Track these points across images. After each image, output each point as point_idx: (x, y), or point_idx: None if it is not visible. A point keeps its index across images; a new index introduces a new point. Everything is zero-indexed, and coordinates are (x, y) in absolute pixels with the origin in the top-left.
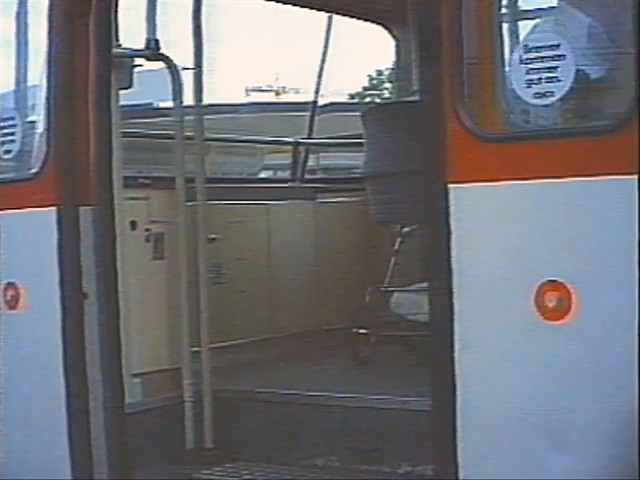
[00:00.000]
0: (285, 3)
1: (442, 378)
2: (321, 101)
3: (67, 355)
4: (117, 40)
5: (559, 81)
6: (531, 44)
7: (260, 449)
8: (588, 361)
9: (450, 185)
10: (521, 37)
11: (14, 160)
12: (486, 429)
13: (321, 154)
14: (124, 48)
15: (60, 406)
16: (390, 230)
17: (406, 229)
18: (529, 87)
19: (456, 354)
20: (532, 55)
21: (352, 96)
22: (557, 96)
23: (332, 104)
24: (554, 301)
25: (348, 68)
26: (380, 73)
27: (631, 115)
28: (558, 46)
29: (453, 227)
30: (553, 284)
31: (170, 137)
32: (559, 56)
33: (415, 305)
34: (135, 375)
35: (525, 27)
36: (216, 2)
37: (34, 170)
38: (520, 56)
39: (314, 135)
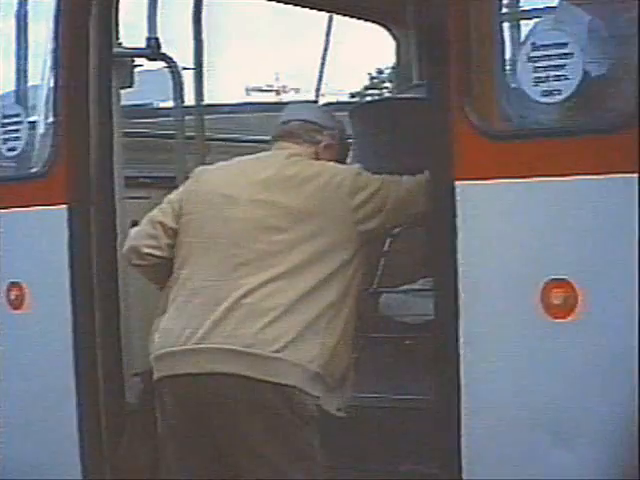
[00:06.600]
0: (286, 3)
1: (447, 376)
2: (322, 100)
3: (78, 355)
4: (118, 39)
5: (567, 79)
6: (538, 42)
7: None
8: (594, 358)
9: (457, 182)
10: (528, 35)
11: (20, 158)
12: (491, 426)
13: None
14: (125, 47)
15: (70, 407)
16: None
17: (396, 230)
18: (536, 85)
19: (461, 352)
20: (539, 53)
21: (353, 95)
22: (564, 94)
23: (332, 104)
24: (560, 298)
25: (349, 67)
26: (381, 72)
27: (636, 113)
28: (566, 44)
29: (459, 224)
30: (559, 281)
31: (171, 137)
32: (566, 54)
33: (404, 306)
34: (136, 374)
35: (532, 26)
36: (217, 1)
37: (44, 168)
38: (527, 54)
39: None
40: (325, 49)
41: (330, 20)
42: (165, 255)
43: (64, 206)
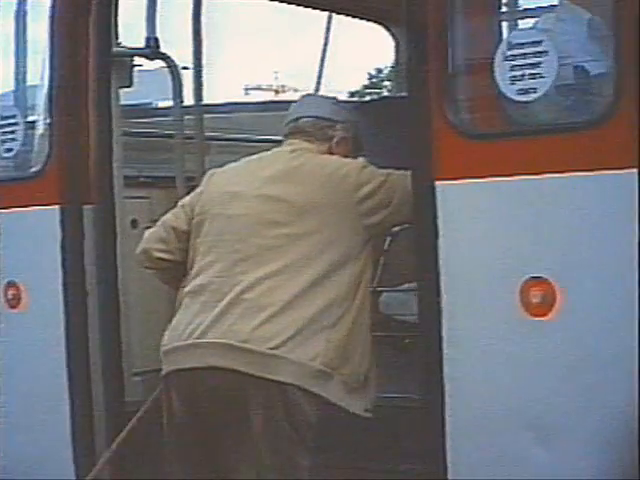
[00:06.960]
0: (288, 3)
1: (431, 375)
2: None
3: (70, 354)
4: (117, 39)
5: (542, 77)
6: (514, 41)
7: None
8: (573, 356)
9: (437, 182)
10: (505, 34)
11: (18, 158)
12: (474, 425)
13: None
14: (124, 47)
15: (64, 405)
16: None
17: (395, 228)
18: (513, 84)
19: (444, 351)
20: (515, 52)
21: (352, 94)
22: (540, 92)
23: None
24: (538, 297)
25: (349, 66)
26: (380, 71)
27: (612, 110)
28: (540, 42)
29: (440, 224)
30: (537, 280)
31: (171, 136)
32: (541, 52)
33: (404, 305)
34: (136, 374)
35: (509, 25)
36: (216, 1)
37: (37, 168)
38: (504, 53)
39: None
40: (324, 48)
41: (329, 19)
42: (176, 259)
43: (57, 207)
